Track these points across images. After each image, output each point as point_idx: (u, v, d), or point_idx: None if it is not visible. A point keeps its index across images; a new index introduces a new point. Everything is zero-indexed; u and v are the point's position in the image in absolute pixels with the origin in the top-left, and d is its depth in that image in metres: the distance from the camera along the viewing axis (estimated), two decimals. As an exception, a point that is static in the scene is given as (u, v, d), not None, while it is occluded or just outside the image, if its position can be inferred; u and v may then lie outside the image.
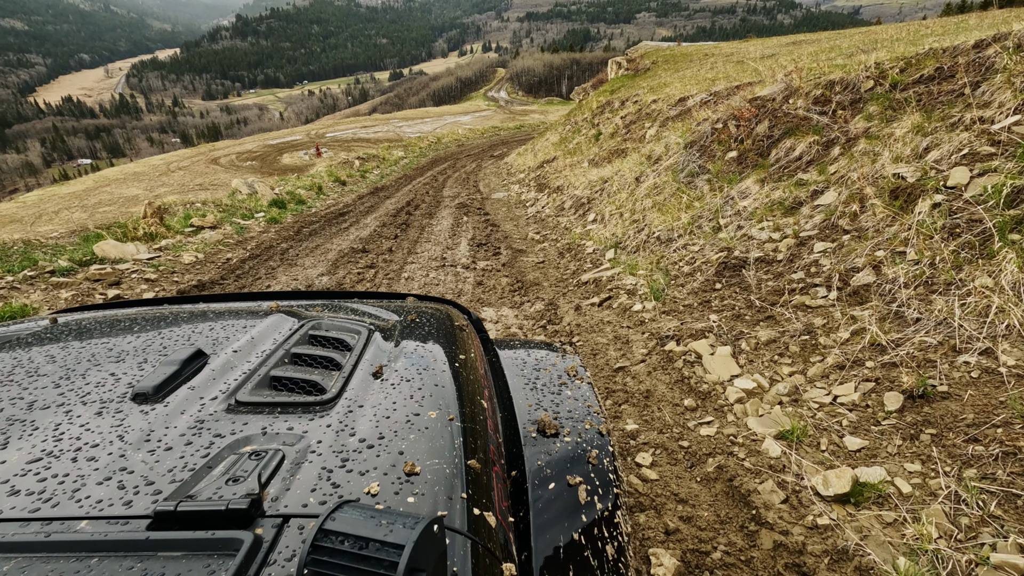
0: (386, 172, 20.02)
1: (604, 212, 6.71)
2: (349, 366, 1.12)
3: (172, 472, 0.78)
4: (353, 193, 14.44)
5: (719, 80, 12.24)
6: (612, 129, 12.49)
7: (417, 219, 9.34)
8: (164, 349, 1.18)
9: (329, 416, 0.94)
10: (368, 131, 43.75)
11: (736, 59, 16.43)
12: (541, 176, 12.45)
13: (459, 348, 1.34)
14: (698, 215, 5.00)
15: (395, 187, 15.64)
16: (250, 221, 8.97)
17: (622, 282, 4.63)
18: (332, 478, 0.78)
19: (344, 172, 18.05)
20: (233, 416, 0.92)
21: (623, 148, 10.99)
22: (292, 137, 42.62)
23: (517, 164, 17.90)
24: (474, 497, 0.83)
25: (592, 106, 17.92)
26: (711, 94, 10.12)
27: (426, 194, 13.38)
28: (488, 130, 39.88)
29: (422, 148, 28.65)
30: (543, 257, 6.26)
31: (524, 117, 55.94)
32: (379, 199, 12.85)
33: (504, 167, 18.97)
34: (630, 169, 7.39)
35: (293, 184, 14.12)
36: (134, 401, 0.95)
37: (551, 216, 8.39)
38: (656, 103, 12.21)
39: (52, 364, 1.10)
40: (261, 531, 0.65)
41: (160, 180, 26.41)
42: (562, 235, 7.12)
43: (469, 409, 1.06)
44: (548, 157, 14.65)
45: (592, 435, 1.30)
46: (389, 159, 23.41)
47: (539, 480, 1.14)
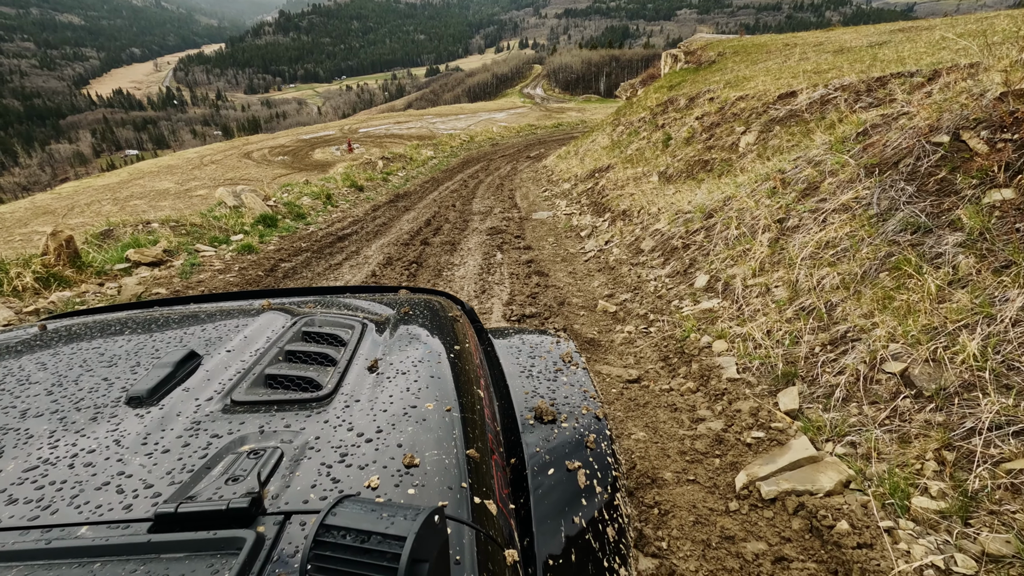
0: (411, 175, 17.84)
1: (733, 280, 4.05)
2: (344, 361, 1.10)
3: (171, 474, 0.77)
4: (369, 202, 12.25)
5: (828, 72, 9.50)
6: (687, 133, 9.89)
7: (434, 253, 7.00)
8: (157, 351, 1.16)
9: (326, 412, 0.93)
10: (401, 127, 42.67)
11: (830, 48, 13.51)
12: (595, 191, 9.93)
13: (454, 338, 1.30)
14: (964, 322, 2.50)
15: (418, 195, 13.39)
16: (216, 250, 6.81)
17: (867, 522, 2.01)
18: (332, 473, 0.78)
19: (364, 175, 15.91)
20: (229, 416, 0.91)
21: (707, 159, 8.42)
22: (325, 132, 42.04)
23: (560, 169, 15.42)
24: (474, 486, 0.82)
25: (649, 104, 15.28)
26: (838, 88, 7.45)
27: (451, 207, 11.06)
28: (524, 128, 37.46)
29: (453, 147, 26.41)
30: (636, 365, 3.66)
31: (561, 115, 53.30)
32: (395, 213, 10.60)
33: (543, 172, 16.51)
34: (750, 198, 4.85)
35: (298, 192, 12.00)
36: (129, 405, 0.94)
37: (625, 263, 5.77)
38: (742, 101, 9.56)
39: (44, 371, 1.09)
40: (263, 529, 0.64)
41: (192, 174, 26.23)
42: (655, 309, 4.45)
43: (466, 399, 1.04)
44: (600, 165, 12.11)
45: (589, 420, 1.30)
46: (416, 159, 21.21)
47: (538, 466, 1.13)
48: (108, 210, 21.03)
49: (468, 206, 11.16)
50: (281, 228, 8.65)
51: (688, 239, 5.08)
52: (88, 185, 27.04)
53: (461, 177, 17.06)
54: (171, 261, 6.08)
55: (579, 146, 18.57)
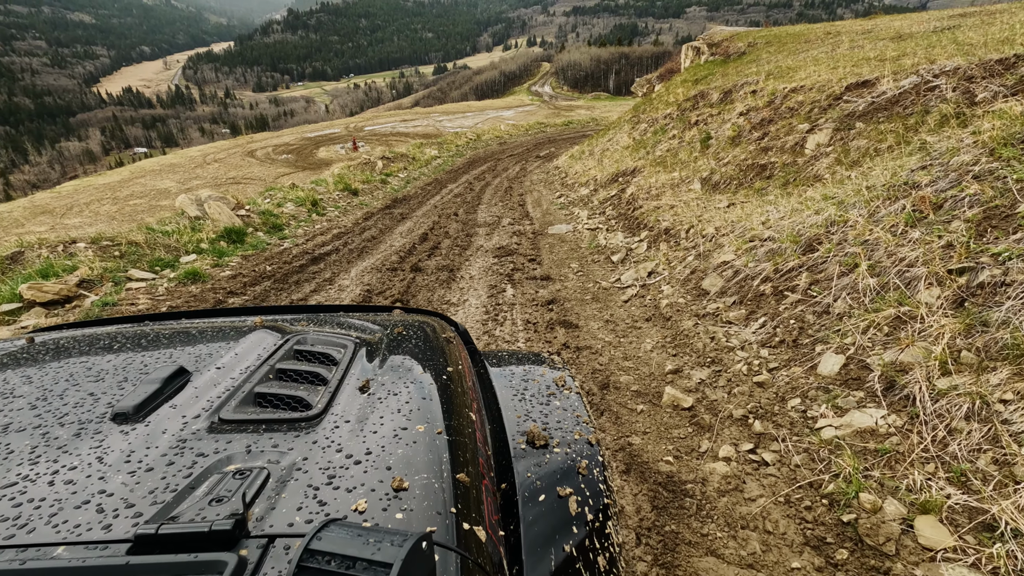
0: (412, 176, 16.39)
1: (902, 377, 2.35)
2: (335, 381, 1.07)
3: (154, 494, 0.75)
4: (362, 209, 10.82)
5: (900, 59, 7.94)
6: (731, 131, 8.36)
7: (427, 283, 5.55)
8: (145, 367, 1.11)
9: (315, 432, 0.90)
10: (407, 125, 41.54)
11: (885, 36, 11.89)
12: (623, 200, 8.42)
13: (447, 360, 1.28)
14: None
15: (417, 200, 11.94)
16: (153, 278, 5.39)
17: None
18: (319, 496, 0.75)
19: (360, 176, 14.48)
20: (216, 435, 0.88)
21: (764, 163, 6.89)
22: (330, 130, 41.01)
23: (574, 171, 13.90)
24: (463, 511, 0.79)
25: (673, 99, 13.73)
26: (938, 74, 5.88)
27: (453, 216, 9.60)
28: (533, 126, 35.92)
29: (459, 146, 24.93)
30: (765, 565, 1.95)
31: (570, 113, 51.69)
32: (389, 223, 9.16)
33: (556, 174, 15.01)
34: (874, 225, 3.34)
35: (281, 197, 10.58)
36: (114, 421, 0.90)
37: (685, 311, 4.11)
38: (797, 93, 8.02)
39: (29, 385, 1.04)
40: (246, 552, 0.62)
41: (194, 172, 25.60)
42: (761, 410, 2.77)
43: (457, 422, 1.01)
44: (624, 167, 10.59)
45: (581, 445, 1.25)
46: (419, 159, 19.74)
47: (529, 492, 1.09)
48: (107, 210, 19.96)
49: (472, 215, 9.69)
50: (249, 244, 7.23)
51: (782, 283, 3.56)
52: (89, 184, 26.37)
53: (466, 179, 15.59)
54: (85, 296, 4.67)
55: (593, 145, 17.04)
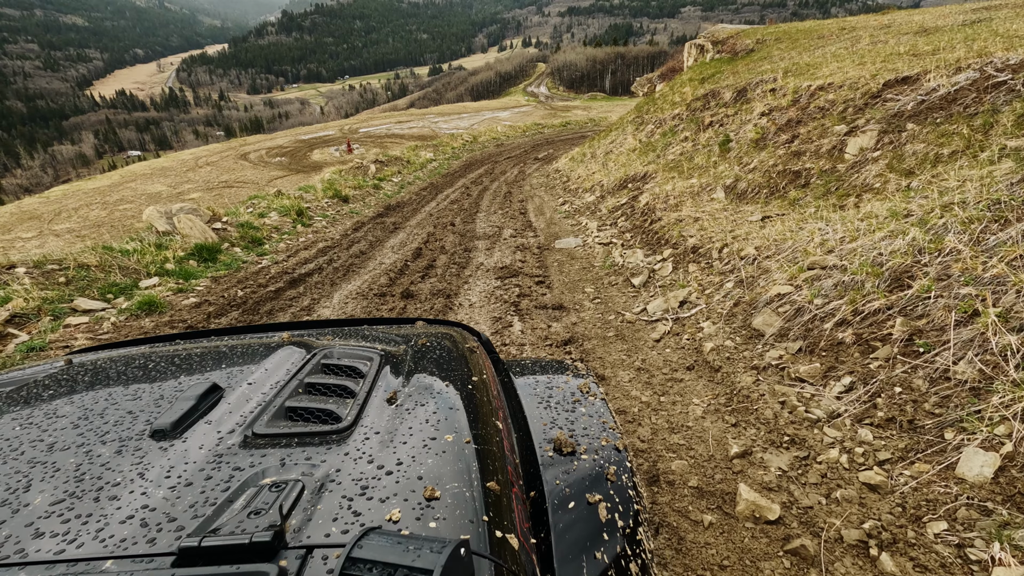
0: (407, 181, 15.64)
1: None
2: (363, 393, 1.08)
3: (194, 507, 0.76)
4: (352, 218, 10.07)
5: (936, 53, 7.24)
6: (754, 133, 7.64)
7: (421, 308, 4.81)
8: (179, 385, 1.15)
9: (346, 444, 0.91)
10: (403, 126, 40.79)
11: (908, 30, 11.21)
12: (638, 210, 7.68)
13: (471, 370, 1.28)
14: None
15: (412, 207, 11.20)
16: (101, 309, 4.63)
17: None
18: (353, 506, 0.76)
19: (352, 182, 13.71)
20: (251, 449, 0.90)
21: (798, 169, 6.17)
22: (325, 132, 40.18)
23: (577, 175, 13.18)
24: (495, 519, 0.80)
25: (680, 99, 13.02)
26: (1001, 67, 5.18)
27: (449, 226, 8.85)
28: (530, 127, 35.18)
29: (455, 148, 24.18)
30: None
31: (567, 114, 50.98)
32: (380, 235, 8.42)
33: (557, 178, 14.28)
34: (988, 258, 2.63)
35: (264, 206, 9.82)
36: (153, 438, 0.93)
37: (737, 359, 3.31)
38: (826, 91, 7.31)
39: (70, 405, 1.08)
40: (285, 563, 0.63)
41: (186, 176, 25.29)
42: (883, 534, 1.91)
43: (484, 431, 1.02)
44: (634, 172, 9.87)
45: (609, 451, 1.24)
46: (414, 162, 18.97)
47: (558, 500, 1.10)
48: (96, 215, 19.17)
49: (470, 225, 8.96)
50: (222, 263, 6.48)
51: (866, 329, 2.81)
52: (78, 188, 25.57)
53: (463, 183, 14.85)
54: (14, 336, 3.92)
55: (595, 147, 16.32)
